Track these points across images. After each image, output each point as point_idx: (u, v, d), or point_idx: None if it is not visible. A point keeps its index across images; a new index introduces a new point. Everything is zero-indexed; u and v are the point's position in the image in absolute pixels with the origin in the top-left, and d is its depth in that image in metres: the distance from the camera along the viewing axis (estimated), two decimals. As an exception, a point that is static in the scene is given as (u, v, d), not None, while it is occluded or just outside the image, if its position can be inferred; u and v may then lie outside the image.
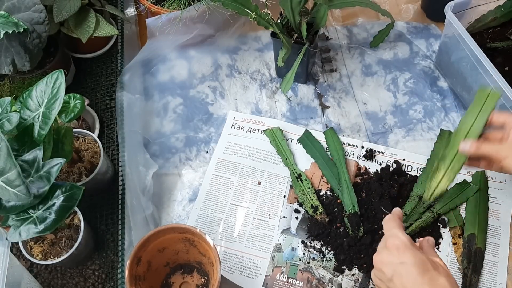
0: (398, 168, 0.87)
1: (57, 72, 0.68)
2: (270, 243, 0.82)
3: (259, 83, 1.01)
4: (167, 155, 0.92)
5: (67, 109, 0.73)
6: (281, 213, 0.84)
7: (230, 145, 0.92)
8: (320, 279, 0.78)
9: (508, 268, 0.78)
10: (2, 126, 0.64)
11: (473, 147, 0.68)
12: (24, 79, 0.91)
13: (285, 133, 0.92)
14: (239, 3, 0.83)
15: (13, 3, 0.80)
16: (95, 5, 0.95)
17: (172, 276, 0.78)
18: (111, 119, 0.96)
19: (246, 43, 1.07)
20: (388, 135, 0.93)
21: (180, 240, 0.73)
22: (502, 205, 0.83)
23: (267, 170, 0.89)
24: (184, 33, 0.99)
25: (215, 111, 0.98)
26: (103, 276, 0.80)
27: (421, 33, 1.06)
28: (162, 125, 0.96)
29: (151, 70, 1.03)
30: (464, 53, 0.85)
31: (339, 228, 0.81)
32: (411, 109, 0.96)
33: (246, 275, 0.79)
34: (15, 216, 0.64)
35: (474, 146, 0.68)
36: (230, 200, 0.86)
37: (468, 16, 0.93)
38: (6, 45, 0.81)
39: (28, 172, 0.63)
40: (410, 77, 1.00)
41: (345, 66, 1.02)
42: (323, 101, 0.98)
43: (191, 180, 0.89)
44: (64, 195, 0.65)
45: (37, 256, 0.74)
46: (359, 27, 1.08)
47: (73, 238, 0.75)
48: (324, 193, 0.86)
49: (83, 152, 0.84)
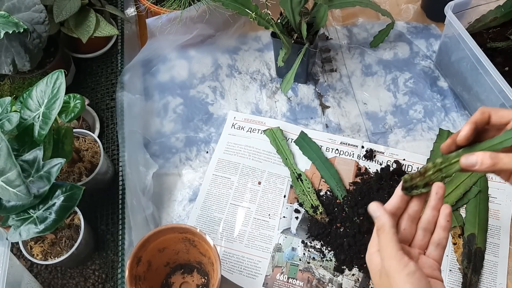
0: (398, 168, 0.87)
1: (57, 72, 0.68)
2: (270, 243, 0.82)
3: (259, 83, 1.01)
4: (167, 155, 0.92)
5: (67, 109, 0.73)
6: (281, 213, 0.84)
7: (230, 145, 0.92)
8: (320, 279, 0.78)
9: (508, 268, 0.78)
10: (2, 126, 0.64)
11: (487, 163, 0.47)
12: (24, 79, 0.91)
13: (285, 133, 0.92)
14: (239, 3, 0.83)
15: (13, 3, 0.80)
16: (95, 5, 0.95)
17: (172, 276, 0.78)
18: (111, 119, 0.96)
19: (246, 43, 1.07)
20: (388, 135, 0.93)
21: (180, 240, 0.73)
22: (502, 205, 0.83)
23: (267, 170, 0.89)
24: (184, 33, 0.99)
25: (215, 111, 0.98)
26: (103, 276, 0.80)
27: (421, 33, 1.06)
28: (162, 125, 0.96)
29: (151, 70, 1.03)
30: (464, 53, 0.85)
31: (339, 228, 0.81)
32: (411, 109, 0.96)
33: (246, 275, 0.79)
34: (15, 216, 0.64)
35: (489, 161, 0.47)
36: (230, 200, 0.86)
37: (468, 16, 0.93)
38: (6, 45, 0.81)
39: (28, 172, 0.63)
40: (410, 77, 1.00)
41: (345, 66, 1.02)
42: (323, 101, 0.98)
43: (191, 180, 0.89)
44: (64, 195, 0.65)
45: (37, 256, 0.74)
46: (359, 27, 1.08)
47: (73, 238, 0.75)
48: (324, 193, 0.86)
49: (83, 152, 0.84)
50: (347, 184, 0.86)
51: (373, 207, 0.52)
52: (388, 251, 0.49)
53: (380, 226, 0.51)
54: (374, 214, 0.52)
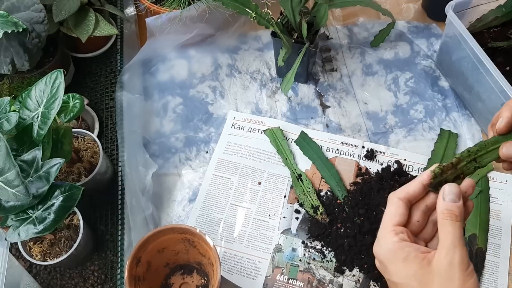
0: (399, 168, 0.87)
1: (57, 72, 0.68)
2: (271, 243, 0.81)
3: (259, 82, 1.01)
4: (167, 155, 0.92)
5: (67, 109, 0.73)
6: (281, 214, 0.84)
7: (230, 145, 0.92)
8: (320, 279, 0.78)
9: (509, 269, 0.78)
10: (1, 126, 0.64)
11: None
12: (23, 79, 0.91)
13: (285, 133, 0.92)
14: (239, 3, 0.82)
15: (12, 3, 0.80)
16: (94, 5, 0.95)
17: (172, 276, 0.78)
18: (110, 119, 0.95)
19: (246, 43, 1.07)
20: (389, 135, 0.93)
21: (180, 240, 0.73)
22: (503, 205, 0.83)
23: (267, 170, 0.89)
24: (184, 32, 0.98)
25: (215, 111, 0.97)
26: (103, 276, 0.80)
27: (422, 33, 1.06)
28: (162, 125, 0.96)
29: (151, 69, 1.03)
30: (465, 53, 0.85)
31: (339, 229, 0.81)
32: (412, 109, 0.96)
33: (246, 276, 0.79)
34: (14, 217, 0.64)
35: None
36: (230, 200, 0.86)
37: (469, 15, 0.92)
38: (5, 44, 0.80)
39: (27, 172, 0.63)
40: (411, 76, 1.00)
41: (346, 66, 1.02)
42: (324, 101, 0.98)
43: (191, 180, 0.89)
44: (63, 195, 0.64)
45: (36, 257, 0.73)
46: (360, 26, 1.08)
47: (73, 238, 0.75)
48: (324, 194, 0.85)
49: (82, 152, 0.83)
50: (347, 184, 0.86)
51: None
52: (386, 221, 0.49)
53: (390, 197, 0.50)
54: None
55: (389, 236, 0.50)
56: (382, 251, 0.50)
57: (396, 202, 0.51)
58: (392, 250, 0.49)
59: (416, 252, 0.48)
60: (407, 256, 0.47)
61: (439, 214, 0.48)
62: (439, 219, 0.48)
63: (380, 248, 0.50)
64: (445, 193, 0.49)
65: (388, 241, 0.49)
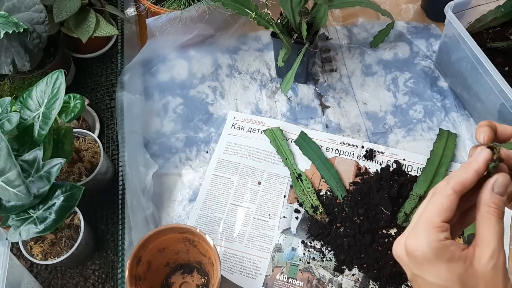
0: (398, 168, 0.87)
1: (57, 72, 0.68)
2: (270, 243, 0.82)
3: (259, 83, 1.01)
4: (167, 155, 0.92)
5: (67, 109, 0.73)
6: (281, 213, 0.84)
7: (230, 145, 0.92)
8: (320, 279, 0.78)
9: (508, 268, 0.78)
10: (2, 126, 0.64)
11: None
12: (24, 79, 0.91)
13: (285, 133, 0.92)
14: (239, 3, 0.83)
15: (13, 3, 0.80)
16: (95, 5, 0.95)
17: (172, 276, 0.78)
18: (111, 119, 0.96)
19: (246, 43, 1.07)
20: (388, 135, 0.93)
21: (180, 240, 0.73)
22: (502, 205, 0.83)
23: (267, 170, 0.89)
24: (184, 33, 0.99)
25: (215, 111, 0.98)
26: (103, 276, 0.80)
27: (421, 33, 1.06)
28: (162, 125, 0.96)
29: (151, 70, 1.03)
30: (464, 53, 0.85)
31: (339, 228, 0.81)
32: (411, 109, 0.96)
33: (246, 275, 0.79)
34: (15, 216, 0.64)
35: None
36: (230, 200, 0.86)
37: (468, 16, 0.93)
38: (6, 45, 0.81)
39: (28, 172, 0.63)
40: (410, 77, 1.00)
41: (345, 66, 1.02)
42: (323, 101, 0.98)
43: (191, 180, 0.89)
44: (64, 195, 0.65)
45: (37, 256, 0.74)
46: (359, 27, 1.08)
47: (73, 238, 0.75)
48: (324, 193, 0.86)
49: (83, 152, 0.84)
50: (347, 184, 0.86)
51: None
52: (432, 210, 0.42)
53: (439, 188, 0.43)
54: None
55: (434, 232, 0.43)
56: (423, 248, 0.43)
57: (451, 196, 0.43)
58: (436, 248, 0.42)
59: (460, 253, 0.42)
60: (452, 256, 0.42)
61: (484, 206, 0.42)
62: (482, 212, 0.43)
63: (421, 245, 0.43)
64: (497, 184, 0.42)
65: (432, 238, 0.42)
